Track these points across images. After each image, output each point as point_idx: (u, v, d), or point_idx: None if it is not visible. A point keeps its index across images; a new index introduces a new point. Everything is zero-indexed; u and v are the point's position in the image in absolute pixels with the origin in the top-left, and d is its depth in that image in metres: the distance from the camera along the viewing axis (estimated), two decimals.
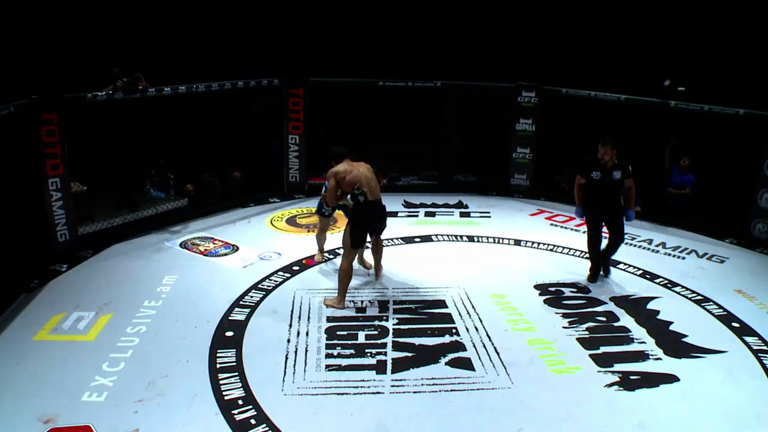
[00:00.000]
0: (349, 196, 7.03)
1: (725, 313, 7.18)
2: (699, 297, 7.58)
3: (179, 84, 9.37)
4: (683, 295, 7.65)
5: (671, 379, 5.88)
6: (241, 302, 7.05)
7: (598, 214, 7.81)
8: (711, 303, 7.41)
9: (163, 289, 7.32)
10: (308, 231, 9.33)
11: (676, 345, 6.46)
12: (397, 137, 11.75)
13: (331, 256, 8.41)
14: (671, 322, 6.91)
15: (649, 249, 9.17)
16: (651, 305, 7.33)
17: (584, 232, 9.69)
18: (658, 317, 7.04)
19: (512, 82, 11.24)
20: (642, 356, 6.23)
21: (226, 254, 8.47)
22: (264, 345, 6.22)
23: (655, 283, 7.99)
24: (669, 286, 7.89)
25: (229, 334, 6.37)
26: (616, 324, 6.86)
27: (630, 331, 6.69)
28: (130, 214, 9.35)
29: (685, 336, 6.63)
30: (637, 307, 7.26)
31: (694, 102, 9.74)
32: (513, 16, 12.13)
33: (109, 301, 6.96)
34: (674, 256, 8.96)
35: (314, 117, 10.97)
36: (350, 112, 11.93)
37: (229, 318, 6.69)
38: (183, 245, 8.74)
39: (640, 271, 8.28)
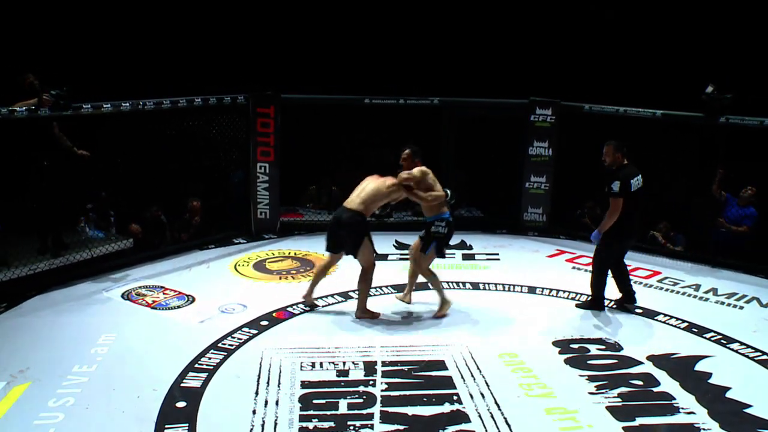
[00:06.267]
0: None
1: None
2: (765, 357, 7.45)
3: (120, 100, 9.25)
4: (743, 354, 7.51)
5: None
6: (196, 365, 6.89)
7: None
8: None
9: (99, 351, 7.12)
10: (280, 278, 9.31)
11: (736, 417, 6.27)
12: (386, 165, 11.68)
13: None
14: (728, 388, 6.73)
15: (695, 296, 9.11)
16: (700, 366, 7.17)
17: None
18: (711, 381, 6.89)
19: (524, 97, 11.28)
20: (691, 430, 6.07)
21: (179, 307, 8.35)
22: (224, 418, 6.03)
23: (705, 338, 7.88)
24: (723, 342, 7.76)
25: (181, 405, 6.20)
26: (655, 389, 6.71)
27: (674, 399, 6.52)
28: (59, 258, 9.17)
29: (749, 406, 6.45)
30: (682, 368, 7.10)
31: (749, 115, 9.68)
32: (523, 20, 12.16)
33: (26, 367, 6.73)
34: (729, 305, 8.90)
35: (287, 141, 10.90)
36: (330, 136, 11.87)
37: (181, 385, 6.52)
38: (125, 296, 8.61)
39: (685, 324, 8.19)
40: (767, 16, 10.98)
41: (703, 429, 6.05)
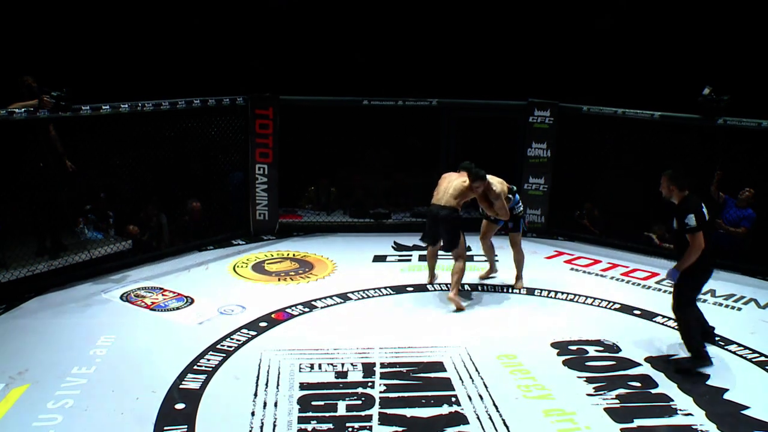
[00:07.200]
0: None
1: None
2: (762, 358, 7.42)
3: (119, 101, 9.22)
4: (741, 356, 7.48)
5: None
6: (195, 367, 6.87)
7: None
8: None
9: (98, 353, 7.09)
10: (279, 279, 9.26)
11: (734, 419, 6.24)
12: (385, 166, 11.64)
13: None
14: (726, 390, 6.72)
15: None
16: (698, 368, 7.10)
17: (612, 277, 9.54)
18: (709, 383, 6.86)
19: (522, 99, 11.23)
20: None
21: (177, 308, 8.32)
22: (223, 419, 6.01)
23: None
24: (722, 344, 7.71)
25: (180, 406, 6.18)
26: (653, 391, 6.69)
27: (672, 400, 6.51)
28: (57, 259, 9.14)
29: (746, 408, 6.42)
30: (679, 370, 7.07)
31: (746, 117, 9.64)
32: (522, 21, 12.13)
33: (25, 369, 6.71)
34: (727, 306, 8.88)
35: (286, 142, 10.86)
36: (329, 137, 11.85)
37: (180, 386, 6.50)
38: (124, 297, 8.58)
39: None
40: (766, 17, 10.95)
41: (701, 430, 6.02)
